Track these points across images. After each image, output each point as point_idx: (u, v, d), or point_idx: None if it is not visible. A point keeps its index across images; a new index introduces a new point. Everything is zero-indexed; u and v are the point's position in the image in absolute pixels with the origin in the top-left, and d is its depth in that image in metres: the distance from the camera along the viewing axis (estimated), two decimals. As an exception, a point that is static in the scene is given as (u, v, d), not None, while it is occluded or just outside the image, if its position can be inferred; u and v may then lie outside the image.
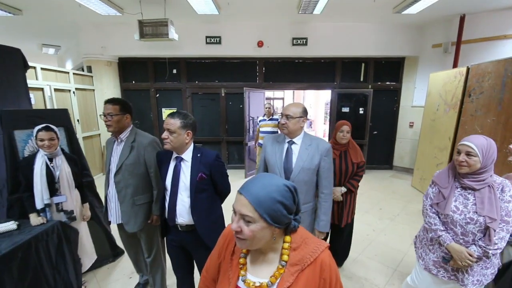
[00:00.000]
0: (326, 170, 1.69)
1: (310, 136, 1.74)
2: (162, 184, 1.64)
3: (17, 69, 2.66)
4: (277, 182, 0.75)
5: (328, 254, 0.80)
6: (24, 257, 1.67)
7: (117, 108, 1.82)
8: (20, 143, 2.14)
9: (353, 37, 5.28)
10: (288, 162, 1.67)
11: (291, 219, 0.78)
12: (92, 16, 4.67)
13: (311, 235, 0.84)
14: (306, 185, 1.68)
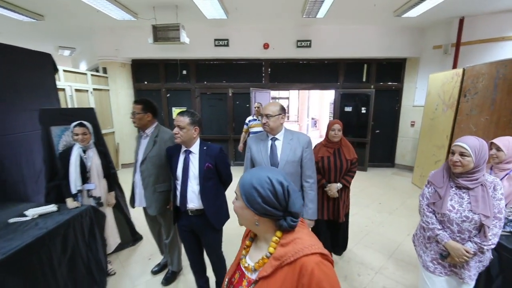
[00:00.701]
0: (308, 161, 1.82)
1: (290, 131, 1.87)
2: (173, 174, 1.88)
3: (48, 72, 2.98)
4: (264, 173, 0.81)
5: (315, 261, 0.74)
6: (65, 234, 1.96)
7: (139, 108, 2.11)
8: (55, 137, 2.44)
9: (356, 39, 5.49)
10: (273, 157, 1.78)
11: (278, 215, 0.80)
12: (107, 21, 4.98)
13: (307, 239, 0.81)
14: (292, 176, 1.79)
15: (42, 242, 1.76)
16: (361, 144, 5.84)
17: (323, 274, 0.74)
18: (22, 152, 2.61)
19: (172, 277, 2.44)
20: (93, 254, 2.25)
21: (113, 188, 2.57)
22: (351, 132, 5.86)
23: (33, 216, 1.95)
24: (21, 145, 2.59)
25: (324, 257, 0.78)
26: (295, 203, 0.81)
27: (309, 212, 1.85)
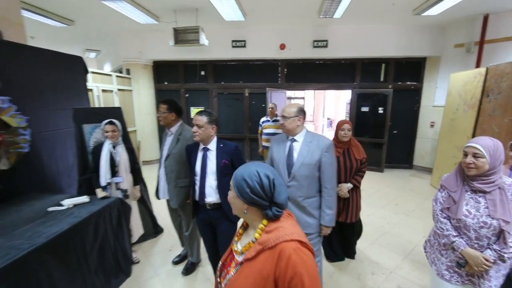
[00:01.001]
0: (327, 165, 1.75)
1: (311, 134, 1.83)
2: (192, 170, 1.99)
3: (79, 74, 3.21)
4: (254, 167, 0.92)
5: (293, 247, 0.81)
6: (96, 223, 2.13)
7: (165, 107, 2.27)
8: (86, 134, 2.65)
9: (373, 38, 5.44)
10: (290, 158, 1.79)
11: (264, 204, 0.90)
12: (131, 24, 5.23)
13: (289, 228, 0.88)
14: (308, 179, 1.76)
15: (77, 229, 1.94)
16: (378, 145, 5.77)
17: (300, 259, 0.80)
18: (57, 148, 2.84)
19: (191, 268, 2.58)
20: (119, 243, 2.42)
21: (138, 182, 2.74)
22: (367, 132, 5.80)
23: (68, 206, 2.14)
24: (55, 141, 2.82)
25: (303, 244, 0.84)
26: (280, 195, 0.91)
27: (326, 218, 1.80)
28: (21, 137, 2.30)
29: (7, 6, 2.69)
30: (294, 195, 1.78)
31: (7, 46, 2.38)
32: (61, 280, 1.76)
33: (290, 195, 1.75)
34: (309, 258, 0.83)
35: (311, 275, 0.80)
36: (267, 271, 0.82)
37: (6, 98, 2.19)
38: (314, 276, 0.81)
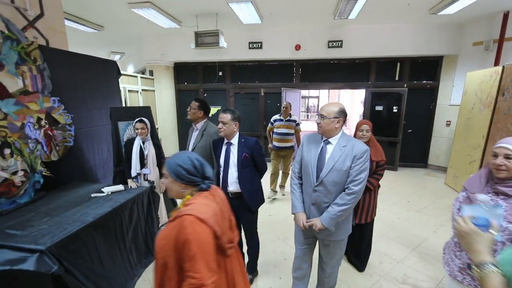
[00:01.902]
0: (355, 172, 1.61)
1: (347, 137, 1.70)
2: (217, 162, 2.23)
3: (113, 76, 3.56)
4: (184, 155, 1.16)
5: (190, 220, 1.00)
6: (131, 208, 2.44)
7: (196, 105, 2.57)
8: (121, 131, 2.97)
9: (388, 38, 5.49)
10: (321, 161, 1.68)
11: (198, 181, 1.14)
12: (155, 29, 5.59)
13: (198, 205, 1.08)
14: (336, 186, 1.64)
15: (116, 212, 2.24)
16: (392, 144, 5.81)
17: (192, 229, 0.99)
18: (94, 142, 3.20)
19: (211, 252, 2.84)
20: (149, 227, 2.73)
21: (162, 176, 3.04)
22: (381, 131, 5.84)
23: (108, 193, 2.46)
24: (93, 137, 3.18)
25: (200, 220, 1.02)
26: (208, 171, 1.18)
27: (326, 215, 1.65)
28: (67, 133, 2.65)
29: (53, 17, 3.06)
30: (320, 201, 1.69)
31: (54, 52, 2.73)
32: (104, 253, 2.07)
33: (315, 200, 1.70)
34: (201, 230, 1.01)
35: (199, 243, 0.99)
36: (171, 233, 1.03)
37: (56, 99, 2.53)
38: (202, 245, 1.00)
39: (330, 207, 1.65)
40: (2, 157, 2.07)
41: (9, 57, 2.12)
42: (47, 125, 2.44)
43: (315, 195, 1.69)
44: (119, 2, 4.19)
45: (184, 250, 1.00)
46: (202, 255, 1.00)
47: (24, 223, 1.91)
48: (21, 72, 2.21)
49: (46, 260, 1.59)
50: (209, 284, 1.00)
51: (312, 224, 1.70)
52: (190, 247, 0.99)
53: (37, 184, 2.35)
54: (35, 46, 2.33)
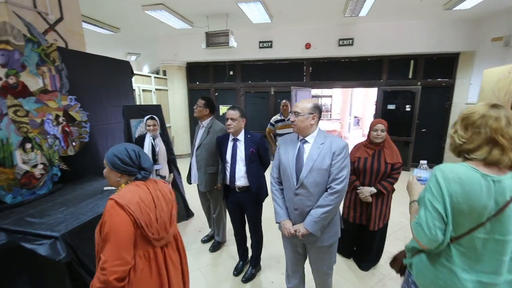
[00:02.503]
0: (336, 169, 1.50)
1: (324, 134, 1.61)
2: (223, 158, 2.28)
3: (127, 76, 3.72)
4: (121, 147, 1.24)
5: (110, 204, 1.11)
6: (140, 201, 2.56)
7: (202, 103, 2.64)
8: (132, 128, 3.11)
9: (401, 35, 5.37)
10: (299, 162, 1.57)
11: (134, 171, 1.22)
12: (168, 30, 5.76)
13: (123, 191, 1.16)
14: (318, 187, 1.53)
15: (126, 204, 2.37)
16: (405, 143, 5.69)
17: (109, 213, 1.09)
18: (108, 139, 3.36)
19: (217, 246, 2.93)
20: (158, 220, 2.85)
21: (171, 170, 3.15)
22: (394, 130, 5.71)
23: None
24: (108, 133, 3.34)
25: (118, 204, 1.09)
26: (146, 162, 1.26)
27: (309, 218, 1.54)
28: (83, 129, 2.81)
29: (71, 20, 3.24)
30: (302, 205, 1.57)
31: (72, 54, 2.90)
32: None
33: (297, 204, 1.58)
34: (117, 216, 1.09)
35: (112, 227, 1.07)
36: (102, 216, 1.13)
37: (73, 97, 2.70)
38: (114, 229, 1.07)
39: (313, 210, 1.53)
40: (24, 151, 2.24)
41: (30, 59, 2.28)
42: (64, 122, 2.60)
43: (296, 199, 1.57)
44: (133, 4, 4.37)
45: (102, 230, 1.10)
46: (114, 239, 1.06)
47: (42, 212, 2.06)
48: (41, 72, 2.37)
49: (58, 247, 1.72)
50: (109, 269, 1.03)
51: (296, 230, 1.58)
52: (104, 229, 1.08)
53: (55, 177, 2.52)
54: (54, 48, 2.50)
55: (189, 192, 3.66)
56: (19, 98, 2.20)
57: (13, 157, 2.16)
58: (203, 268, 2.64)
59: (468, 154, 1.05)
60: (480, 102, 3.65)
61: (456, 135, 1.09)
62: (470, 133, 1.04)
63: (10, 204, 2.13)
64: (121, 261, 1.06)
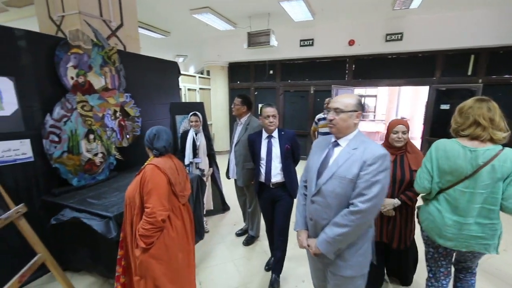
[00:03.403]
0: (364, 183, 1.20)
1: (362, 139, 1.32)
2: (256, 155, 2.27)
3: (174, 76, 4.02)
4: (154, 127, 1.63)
5: (149, 167, 1.48)
6: (182, 191, 2.76)
7: (240, 101, 2.73)
8: (178, 123, 3.36)
9: (459, 27, 4.84)
10: (322, 165, 1.36)
11: (150, 147, 1.59)
12: (212, 32, 6.06)
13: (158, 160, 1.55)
14: (338, 198, 1.26)
15: (170, 193, 2.59)
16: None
17: (150, 173, 1.46)
18: (156, 133, 3.68)
19: (251, 240, 3.01)
20: (196, 211, 3.02)
21: (211, 165, 3.32)
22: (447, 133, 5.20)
23: (164, 176, 2.84)
24: (156, 128, 3.66)
25: (157, 167, 1.48)
26: (157, 143, 1.57)
27: (322, 236, 1.30)
28: (136, 124, 3.13)
29: (129, 26, 3.62)
30: (317, 216, 1.34)
31: (129, 56, 3.24)
32: (158, 227, 2.41)
33: (312, 214, 1.38)
34: (157, 175, 1.47)
35: (154, 183, 1.44)
36: (137, 180, 1.49)
37: (128, 94, 3.02)
38: (156, 185, 1.44)
39: (328, 227, 1.28)
40: (88, 141, 2.58)
41: (96, 60, 2.62)
42: (120, 116, 2.93)
43: (312, 207, 1.37)
44: (182, 9, 4.69)
45: (144, 189, 1.43)
46: (156, 192, 1.43)
47: (100, 195, 2.36)
48: (103, 73, 2.71)
49: (111, 226, 1.95)
50: (157, 212, 1.41)
51: (309, 245, 1.38)
52: (147, 185, 1.43)
53: (111, 165, 2.85)
54: (114, 51, 2.83)
55: (226, 187, 3.81)
56: (85, 95, 2.54)
57: (79, 146, 2.51)
58: (236, 260, 2.74)
59: (460, 133, 1.49)
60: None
61: (454, 121, 1.54)
62: (463, 119, 1.47)
63: (76, 186, 2.48)
64: (163, 207, 1.44)
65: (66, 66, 2.36)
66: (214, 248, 2.95)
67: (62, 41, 2.34)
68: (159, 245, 1.49)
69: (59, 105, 2.32)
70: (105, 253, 2.17)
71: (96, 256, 2.27)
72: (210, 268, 2.59)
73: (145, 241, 1.43)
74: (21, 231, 1.72)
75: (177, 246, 1.60)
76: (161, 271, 1.52)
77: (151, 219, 1.40)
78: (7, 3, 4.24)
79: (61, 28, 3.10)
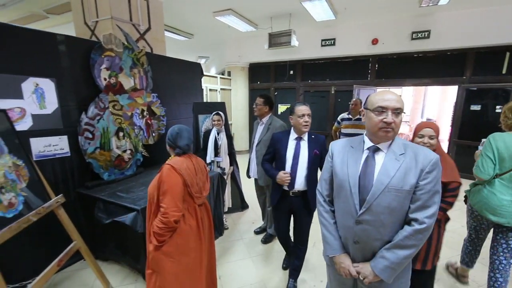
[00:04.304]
0: (426, 194, 1.07)
1: (401, 141, 1.18)
2: (282, 155, 2.02)
3: (197, 76, 4.16)
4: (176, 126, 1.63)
5: (166, 167, 1.50)
6: (203, 188, 2.86)
7: (262, 101, 2.75)
8: (200, 122, 3.48)
9: (492, 22, 4.56)
10: (367, 176, 1.15)
11: (173, 146, 1.60)
12: (234, 33, 6.16)
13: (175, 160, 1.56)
14: (393, 214, 1.11)
15: (192, 189, 2.69)
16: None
17: (166, 173, 1.48)
18: (179, 132, 3.82)
19: (269, 239, 3.05)
20: (216, 208, 3.11)
21: (232, 164, 3.40)
22: (477, 135, 4.92)
23: (186, 173, 2.95)
24: (179, 127, 3.80)
25: (173, 168, 1.49)
26: (180, 141, 1.58)
27: (381, 263, 1.13)
28: (161, 122, 3.28)
29: (156, 30, 3.80)
30: (366, 237, 1.15)
31: (156, 58, 3.40)
32: (181, 221, 2.52)
33: (359, 236, 1.17)
34: (173, 176, 1.48)
35: (169, 184, 1.46)
36: (157, 177, 1.51)
37: (155, 94, 3.17)
38: (171, 186, 1.46)
39: (389, 252, 1.11)
40: (118, 138, 2.75)
41: (126, 62, 2.79)
42: (147, 115, 3.09)
43: (358, 228, 1.16)
44: (205, 11, 4.83)
45: (161, 187, 1.46)
46: (171, 193, 1.45)
47: (128, 189, 2.51)
48: (133, 74, 2.87)
49: (138, 220, 2.07)
50: (170, 213, 1.43)
51: (359, 273, 1.18)
52: (163, 185, 1.46)
53: (138, 161, 3.01)
54: (143, 53, 2.98)
55: (245, 186, 3.88)
56: (116, 95, 2.71)
57: (110, 143, 2.68)
58: (254, 257, 2.79)
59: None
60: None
61: (506, 117, 1.86)
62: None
63: (106, 180, 2.65)
64: (177, 208, 1.47)
65: (100, 68, 2.54)
66: (233, 245, 3.01)
67: (97, 44, 2.52)
68: (171, 243, 1.52)
69: (93, 104, 2.50)
70: (132, 245, 2.31)
71: (124, 247, 2.42)
72: (229, 264, 2.66)
73: (158, 238, 1.47)
74: (60, 219, 1.89)
75: (190, 245, 1.61)
76: (172, 269, 1.54)
77: (164, 218, 1.43)
78: (48, 11, 4.60)
79: (94, 33, 3.33)
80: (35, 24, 5.15)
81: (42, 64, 2.22)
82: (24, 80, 2.10)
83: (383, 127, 1.10)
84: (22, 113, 2.07)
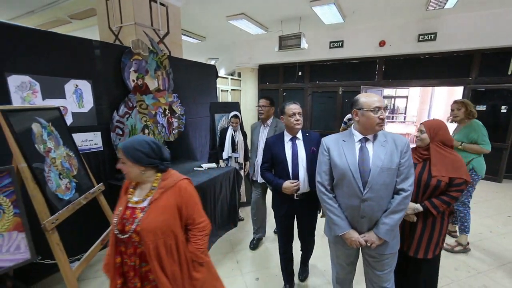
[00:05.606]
0: (406, 168, 1.40)
1: (384, 132, 1.48)
2: (283, 159, 1.92)
3: (212, 78, 4.40)
4: (140, 138, 1.21)
5: (186, 183, 1.25)
6: (221, 181, 3.08)
7: (268, 102, 2.72)
8: (216, 121, 3.71)
9: (498, 25, 4.69)
10: (364, 162, 1.41)
11: (157, 163, 1.21)
12: (245, 36, 6.39)
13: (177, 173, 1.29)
14: (387, 188, 1.41)
15: (211, 182, 2.89)
16: (496, 150, 4.94)
17: (190, 187, 1.27)
18: (197, 130, 4.07)
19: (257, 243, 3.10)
20: (232, 200, 3.34)
21: (247, 159, 3.61)
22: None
23: (205, 168, 3.18)
24: (196, 125, 4.05)
25: (190, 180, 1.30)
26: (164, 152, 1.26)
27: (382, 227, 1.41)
28: (181, 121, 3.52)
29: (174, 34, 4.05)
30: (371, 211, 1.42)
31: (175, 60, 3.65)
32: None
33: (365, 211, 1.42)
34: (194, 189, 1.31)
35: (197, 197, 1.30)
36: (170, 202, 1.21)
37: (175, 95, 3.42)
38: (198, 198, 1.31)
39: (386, 217, 1.41)
40: (144, 134, 3.00)
41: (151, 65, 3.04)
42: (169, 114, 3.34)
43: (365, 205, 1.41)
44: (219, 16, 5.07)
45: (188, 205, 1.25)
46: (199, 205, 1.32)
47: (154, 181, 2.74)
48: (157, 76, 3.12)
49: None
50: (206, 221, 1.32)
51: (367, 241, 1.44)
52: (194, 200, 1.29)
53: (161, 156, 3.26)
54: (166, 57, 3.23)
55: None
56: (143, 95, 2.96)
57: (137, 139, 2.93)
58: (269, 244, 2.99)
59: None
60: None
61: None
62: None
63: (134, 173, 2.90)
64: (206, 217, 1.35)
65: (129, 70, 2.79)
66: (247, 235, 3.22)
67: (127, 49, 2.77)
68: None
69: (123, 104, 2.75)
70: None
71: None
72: (245, 251, 2.88)
73: (205, 253, 1.34)
74: (101, 205, 2.14)
75: None
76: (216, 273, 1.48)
77: (208, 230, 1.34)
78: (72, 16, 4.90)
79: (118, 37, 3.59)
80: (58, 28, 5.47)
81: (81, 67, 2.48)
82: (66, 82, 2.36)
83: (380, 122, 1.40)
84: (65, 111, 2.33)
